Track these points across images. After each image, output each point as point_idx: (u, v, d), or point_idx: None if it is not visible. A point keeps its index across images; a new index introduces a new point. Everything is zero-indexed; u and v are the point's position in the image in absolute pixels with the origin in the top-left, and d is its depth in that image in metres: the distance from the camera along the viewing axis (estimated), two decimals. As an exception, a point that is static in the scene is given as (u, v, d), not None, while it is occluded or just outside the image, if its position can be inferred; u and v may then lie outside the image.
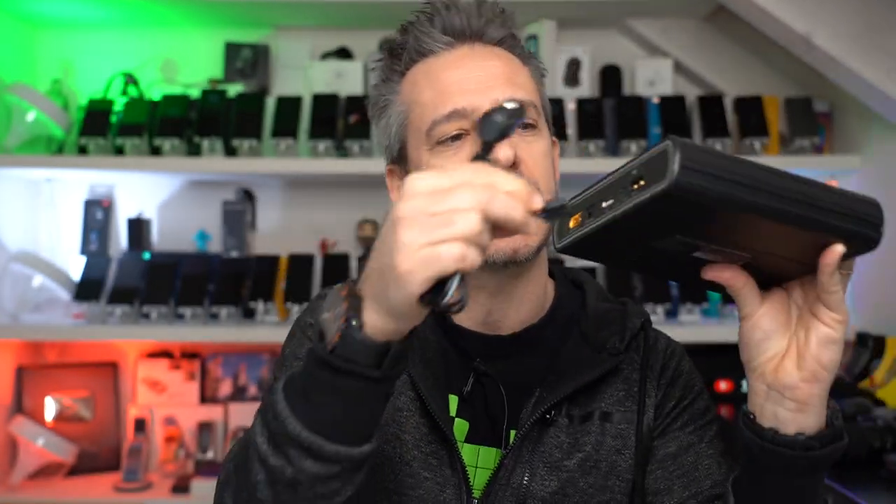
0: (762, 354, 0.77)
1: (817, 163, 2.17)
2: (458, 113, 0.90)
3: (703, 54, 2.39)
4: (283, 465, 0.70)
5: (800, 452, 0.76)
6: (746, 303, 0.76)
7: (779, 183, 0.65)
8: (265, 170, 2.18)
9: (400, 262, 0.62)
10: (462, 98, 0.90)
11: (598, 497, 0.92)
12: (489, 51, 0.95)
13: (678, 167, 0.61)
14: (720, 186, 0.62)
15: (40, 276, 2.24)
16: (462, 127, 0.90)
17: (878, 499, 1.35)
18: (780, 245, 0.70)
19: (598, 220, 0.69)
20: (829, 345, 0.74)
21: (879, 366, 1.91)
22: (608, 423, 0.94)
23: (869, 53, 1.85)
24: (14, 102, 2.22)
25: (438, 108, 0.91)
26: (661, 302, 2.17)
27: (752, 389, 0.79)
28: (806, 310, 0.76)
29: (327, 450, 0.69)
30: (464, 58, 0.93)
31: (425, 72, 0.94)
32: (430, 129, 0.91)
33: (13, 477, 2.21)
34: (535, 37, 2.35)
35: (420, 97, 0.93)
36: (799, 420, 0.76)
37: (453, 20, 0.94)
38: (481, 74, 0.92)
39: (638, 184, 0.64)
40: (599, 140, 2.17)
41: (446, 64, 0.93)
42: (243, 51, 2.37)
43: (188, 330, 2.15)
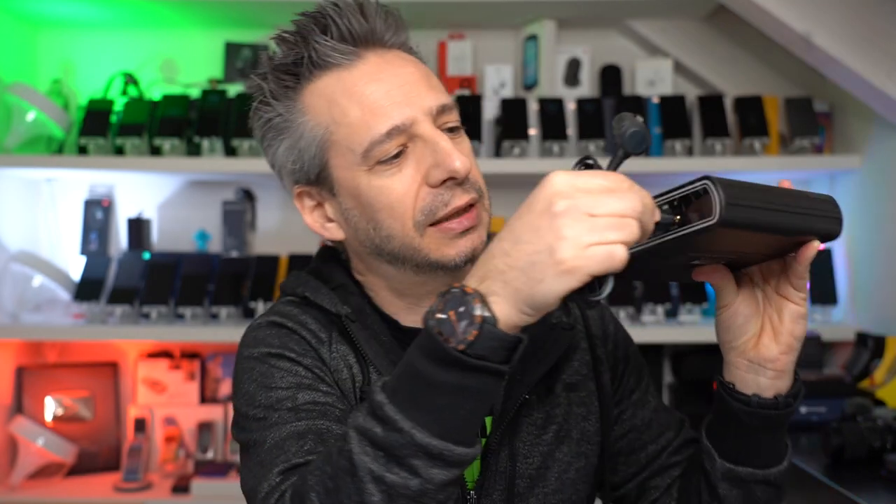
0: (743, 335, 0.87)
1: (817, 163, 2.17)
2: (396, 129, 0.87)
3: (703, 54, 2.39)
4: (406, 478, 0.69)
5: (781, 411, 0.88)
6: (727, 294, 0.86)
7: (788, 202, 0.75)
8: (265, 170, 2.14)
9: (569, 257, 0.65)
10: (397, 112, 0.87)
11: (575, 464, 0.97)
12: (396, 55, 0.92)
13: (725, 205, 0.69)
14: (754, 215, 0.72)
15: (40, 276, 2.24)
16: (402, 143, 0.88)
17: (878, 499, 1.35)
18: (767, 246, 0.80)
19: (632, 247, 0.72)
20: (800, 319, 0.85)
21: (879, 366, 1.91)
22: (572, 393, 0.99)
23: (869, 53, 1.85)
24: (14, 102, 2.22)
25: (373, 127, 0.87)
26: (661, 302, 2.17)
27: (731, 364, 0.89)
28: (771, 292, 0.86)
29: (456, 453, 0.69)
30: (379, 68, 0.89)
31: (342, 89, 0.88)
32: (367, 150, 0.87)
33: (13, 477, 2.21)
34: (535, 37, 2.35)
35: (345, 117, 0.88)
36: (777, 385, 0.88)
37: (352, 26, 0.89)
38: (404, 84, 0.89)
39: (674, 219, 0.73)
40: (599, 140, 2.17)
41: (363, 77, 0.88)
42: (243, 51, 2.37)
43: (188, 330, 2.15)
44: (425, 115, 0.88)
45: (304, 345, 0.91)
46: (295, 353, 0.90)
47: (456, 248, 0.90)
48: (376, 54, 0.90)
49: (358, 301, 0.96)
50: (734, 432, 0.90)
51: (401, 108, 0.88)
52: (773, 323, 0.86)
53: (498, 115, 2.25)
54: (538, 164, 2.13)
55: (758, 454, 0.91)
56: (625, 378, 1.05)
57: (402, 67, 0.90)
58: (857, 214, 2.19)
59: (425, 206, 0.88)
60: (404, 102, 0.88)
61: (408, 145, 0.88)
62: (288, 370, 0.88)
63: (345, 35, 0.89)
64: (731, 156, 2.20)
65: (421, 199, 0.88)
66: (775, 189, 0.76)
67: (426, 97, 0.89)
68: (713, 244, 0.76)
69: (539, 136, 2.19)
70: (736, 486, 0.92)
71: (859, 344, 2.03)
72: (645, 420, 1.04)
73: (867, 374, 1.94)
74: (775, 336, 0.86)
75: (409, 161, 0.88)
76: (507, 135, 2.16)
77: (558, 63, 2.36)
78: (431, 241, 0.89)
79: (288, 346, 0.90)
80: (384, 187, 0.88)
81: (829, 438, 1.53)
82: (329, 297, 0.95)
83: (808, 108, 2.22)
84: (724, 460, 0.92)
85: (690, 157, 2.17)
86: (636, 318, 2.20)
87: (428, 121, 0.88)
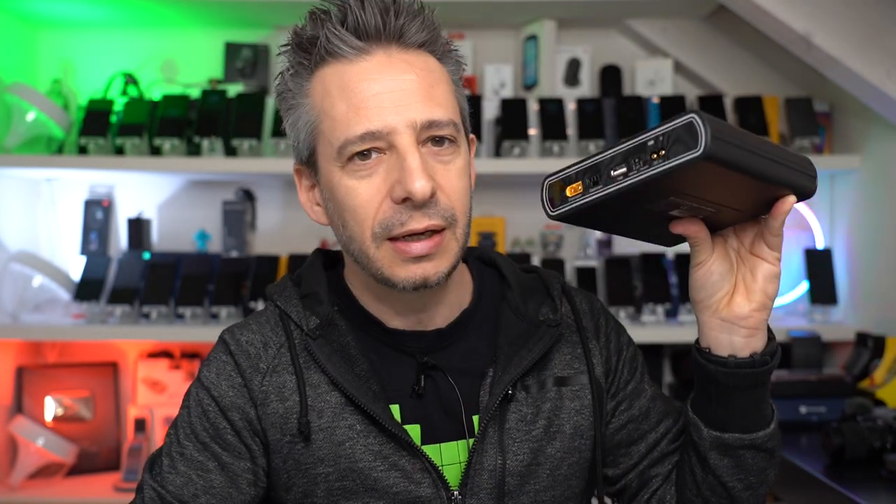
0: (717, 293, 0.88)
1: (817, 163, 2.14)
2: (371, 135, 0.86)
3: (703, 54, 2.39)
4: None
5: (759, 369, 0.90)
6: (702, 250, 0.87)
7: (770, 148, 0.76)
8: (265, 170, 2.18)
9: None
10: (377, 117, 0.86)
11: (567, 460, 0.97)
12: (406, 59, 0.89)
13: (711, 137, 0.69)
14: (737, 154, 0.71)
15: (40, 276, 2.24)
16: (376, 146, 0.87)
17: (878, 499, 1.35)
18: (742, 197, 0.81)
19: (609, 188, 0.76)
20: (773, 278, 0.87)
21: (879, 366, 1.91)
22: (564, 388, 0.99)
23: (869, 53, 1.85)
24: (14, 102, 2.22)
25: (351, 126, 0.86)
26: (661, 302, 2.17)
27: (705, 325, 0.90)
28: (745, 252, 0.88)
29: None
30: (380, 69, 0.87)
31: (338, 82, 0.88)
32: (341, 147, 0.87)
33: (13, 477, 2.21)
34: (535, 37, 2.35)
35: (332, 110, 0.88)
36: (751, 343, 0.89)
37: (368, 20, 0.87)
38: (397, 91, 0.87)
39: (658, 154, 0.72)
40: (599, 140, 2.17)
41: (360, 74, 0.87)
42: (243, 51, 2.37)
43: (188, 330, 2.15)
44: (407, 127, 0.86)
45: (235, 383, 0.95)
46: (220, 405, 0.95)
47: (405, 271, 0.89)
48: (386, 53, 0.88)
49: (326, 311, 0.96)
50: (716, 398, 0.92)
51: (383, 114, 0.86)
52: (746, 282, 0.88)
53: (498, 115, 2.25)
54: (538, 164, 2.13)
55: (742, 418, 0.92)
56: (619, 369, 1.04)
57: (403, 73, 0.88)
58: (857, 214, 2.19)
59: (384, 220, 0.87)
60: (390, 109, 0.86)
61: (385, 153, 0.87)
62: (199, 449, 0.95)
63: (359, 28, 0.87)
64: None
65: (382, 211, 0.87)
66: (759, 136, 0.76)
67: (415, 109, 0.87)
68: (695, 186, 0.76)
69: (539, 136, 2.19)
70: (725, 455, 0.93)
71: (859, 344, 2.03)
72: (642, 410, 1.04)
73: (867, 374, 1.94)
74: (748, 294, 0.87)
75: (381, 169, 0.87)
76: (507, 135, 2.16)
77: (558, 63, 2.36)
78: (385, 256, 0.89)
79: (221, 389, 0.95)
80: (352, 188, 0.88)
81: (829, 438, 1.53)
82: (297, 308, 0.97)
83: (808, 108, 2.22)
84: (710, 429, 0.93)
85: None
86: (636, 318, 2.20)
87: (409, 133, 0.86)
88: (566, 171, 0.80)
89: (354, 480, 0.91)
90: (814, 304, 2.21)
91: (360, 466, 0.91)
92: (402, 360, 0.96)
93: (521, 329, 0.99)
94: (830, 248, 2.25)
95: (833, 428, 1.53)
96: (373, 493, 0.91)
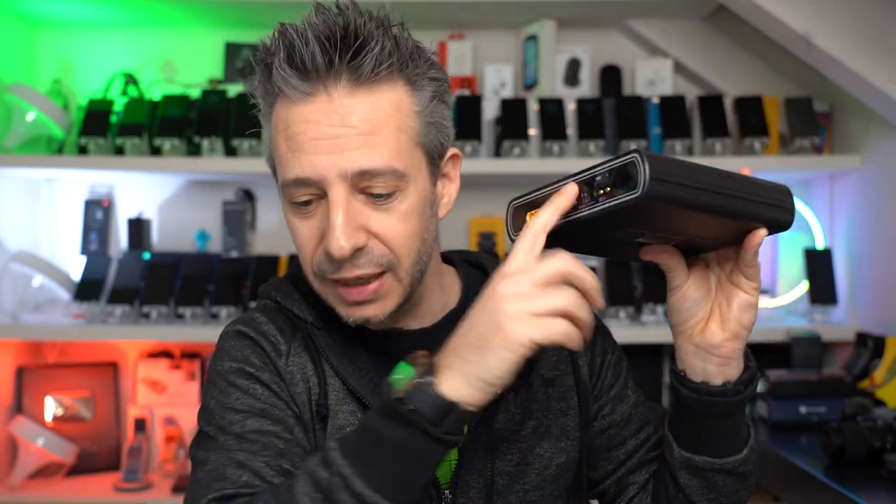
0: (691, 319, 0.88)
1: (817, 163, 2.17)
2: (303, 181, 0.85)
3: (703, 54, 2.39)
4: None
5: (730, 398, 0.88)
6: (676, 276, 0.87)
7: (727, 184, 0.74)
8: (265, 170, 2.13)
9: (509, 328, 0.71)
10: (310, 165, 0.83)
11: (556, 460, 0.98)
12: (350, 102, 0.83)
13: (648, 178, 0.68)
14: (683, 193, 0.71)
15: (40, 276, 2.24)
16: (311, 193, 0.86)
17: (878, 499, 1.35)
18: (712, 229, 0.80)
19: (566, 217, 0.76)
20: (749, 308, 0.86)
21: (879, 366, 1.91)
22: (551, 388, 0.99)
23: (869, 53, 1.85)
24: (14, 102, 2.22)
25: (288, 169, 0.86)
26: (661, 302, 2.17)
27: (680, 349, 0.90)
28: (724, 279, 0.87)
29: None
30: (319, 113, 0.83)
31: (284, 120, 0.86)
32: (283, 187, 0.88)
33: (13, 477, 2.21)
34: (535, 37, 2.35)
35: (276, 146, 0.88)
36: (725, 372, 0.88)
37: (310, 58, 0.82)
38: (332, 138, 0.83)
39: (604, 190, 0.72)
40: (599, 140, 2.17)
41: (301, 116, 0.84)
42: (243, 51, 2.37)
43: (188, 330, 2.15)
44: (338, 177, 0.83)
45: (263, 357, 0.92)
46: (254, 367, 0.91)
47: (347, 311, 0.90)
48: (328, 95, 0.83)
49: (326, 307, 0.96)
50: (688, 421, 0.91)
51: (316, 162, 0.83)
52: (721, 309, 0.87)
53: (498, 115, 2.25)
54: (538, 165, 2.14)
55: (713, 443, 0.91)
56: (603, 372, 1.04)
57: (345, 116, 0.83)
58: (857, 214, 2.19)
59: (318, 264, 0.88)
60: (324, 157, 0.83)
61: (323, 198, 0.86)
62: (244, 390, 0.90)
63: (302, 68, 0.83)
64: (731, 156, 2.20)
65: (318, 254, 0.88)
66: (717, 171, 0.74)
67: (349, 158, 0.83)
68: (651, 221, 0.75)
69: (539, 136, 2.19)
70: (695, 476, 0.93)
71: (859, 344, 2.03)
72: (624, 415, 1.04)
73: (867, 374, 1.94)
74: (722, 322, 0.86)
75: (318, 214, 0.87)
76: (507, 135, 2.16)
77: (558, 63, 2.36)
78: (328, 293, 0.91)
79: (248, 360, 0.92)
80: (295, 226, 0.90)
81: (829, 438, 1.53)
82: (298, 302, 0.96)
83: (808, 108, 2.22)
84: (681, 449, 0.92)
85: (691, 157, 2.17)
86: (636, 318, 2.20)
87: (340, 184, 0.83)
88: (531, 195, 0.80)
89: None
90: (814, 304, 2.21)
91: None
92: (391, 360, 0.96)
93: None
94: (830, 248, 2.25)
95: (833, 428, 1.53)
96: None
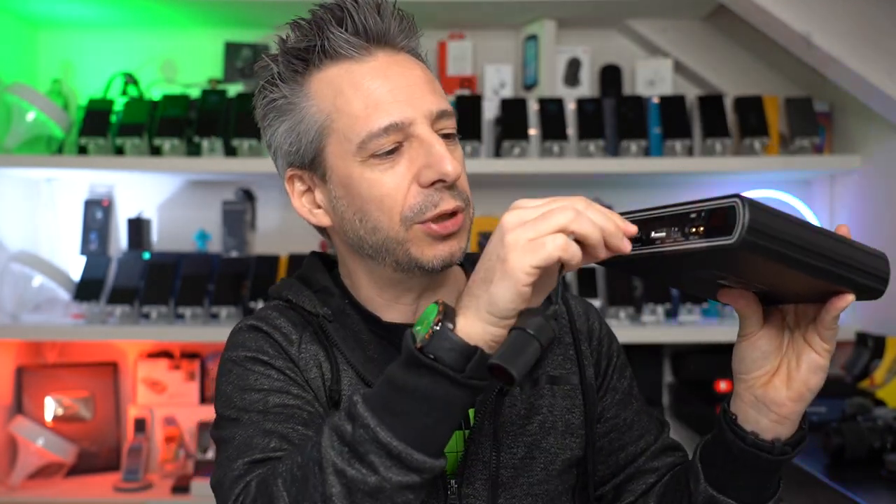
0: (756, 370, 0.85)
1: (817, 163, 2.17)
2: (394, 126, 0.89)
3: (703, 54, 2.39)
4: (365, 474, 0.73)
5: (776, 456, 0.85)
6: (750, 324, 0.84)
7: (824, 244, 0.71)
8: (265, 170, 2.18)
9: (508, 257, 0.72)
10: (397, 110, 0.90)
11: (561, 455, 0.99)
12: (405, 57, 0.95)
13: (746, 227, 0.66)
14: (778, 247, 0.68)
15: (40, 276, 2.24)
16: (397, 140, 0.90)
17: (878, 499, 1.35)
18: (799, 286, 0.76)
19: (647, 248, 0.75)
20: (818, 371, 0.82)
21: (879, 366, 1.91)
22: (556, 386, 1.00)
23: (869, 53, 1.85)
24: (14, 102, 2.22)
25: (372, 120, 0.89)
26: (661, 302, 2.17)
27: (738, 396, 0.87)
28: (799, 336, 0.83)
29: (415, 459, 0.73)
30: (388, 66, 0.92)
31: (350, 80, 0.91)
32: (363, 142, 0.90)
33: (13, 477, 2.21)
34: (535, 37, 2.35)
35: (348, 107, 0.91)
36: (777, 429, 0.85)
37: (367, 23, 0.92)
38: (408, 86, 0.92)
39: (697, 228, 0.70)
40: (599, 140, 2.17)
41: (371, 72, 0.91)
42: (243, 51, 2.37)
43: (188, 330, 2.15)
44: (424, 118, 0.91)
45: (276, 347, 0.95)
46: (268, 355, 0.94)
47: (435, 250, 0.92)
48: (386, 54, 0.93)
49: (338, 303, 0.99)
50: (724, 462, 0.89)
51: (402, 107, 0.90)
52: (789, 367, 0.83)
53: (498, 115, 2.25)
54: (538, 164, 2.14)
55: (744, 489, 0.89)
56: (608, 376, 1.05)
57: (409, 69, 0.93)
58: (857, 214, 2.19)
59: (415, 205, 0.90)
60: (406, 102, 0.90)
61: (403, 143, 0.91)
62: (262, 373, 0.92)
63: (359, 30, 0.91)
64: (731, 156, 2.20)
65: (412, 196, 0.91)
66: (816, 229, 0.71)
67: (428, 100, 0.92)
68: (737, 268, 0.73)
69: (539, 136, 2.19)
70: None
71: (859, 344, 2.03)
72: (627, 421, 1.05)
73: (867, 374, 1.94)
74: (788, 381, 0.83)
75: (403, 159, 0.91)
76: (507, 135, 2.16)
77: (558, 63, 2.36)
78: (415, 238, 0.92)
79: (262, 349, 0.94)
80: (375, 180, 0.91)
81: (829, 438, 1.53)
82: (310, 298, 0.99)
83: (808, 108, 2.22)
84: (707, 484, 0.90)
85: (690, 157, 2.17)
86: (636, 318, 2.20)
87: (426, 123, 0.91)
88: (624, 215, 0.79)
89: None
90: (814, 304, 2.20)
91: None
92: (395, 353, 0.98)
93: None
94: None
95: (833, 428, 1.53)
96: None
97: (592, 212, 0.73)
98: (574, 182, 2.33)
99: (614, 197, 2.40)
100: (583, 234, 0.72)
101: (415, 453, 0.73)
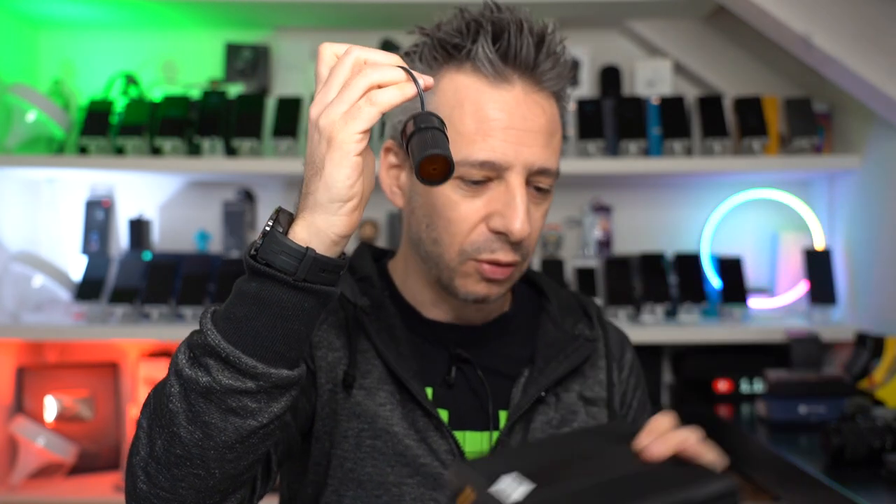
0: None
1: (817, 163, 2.17)
2: (489, 164, 0.90)
3: (702, 54, 2.39)
4: (198, 375, 0.74)
5: None
6: None
7: None
8: (265, 170, 2.18)
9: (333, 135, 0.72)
10: (500, 151, 0.89)
11: None
12: (540, 101, 0.93)
13: None
14: None
15: (41, 276, 2.24)
16: (489, 175, 0.91)
17: (878, 499, 1.35)
18: None
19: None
20: None
21: (879, 366, 1.91)
22: (589, 406, 1.02)
23: (869, 53, 1.86)
24: (14, 102, 2.22)
25: (474, 148, 0.89)
26: (660, 302, 2.17)
27: None
28: None
29: (244, 362, 0.73)
30: (516, 103, 0.91)
31: (473, 99, 0.91)
32: (458, 163, 0.88)
33: (13, 477, 2.21)
34: (535, 37, 2.35)
35: (460, 125, 0.91)
36: None
37: (521, 53, 0.90)
38: (525, 130, 0.90)
39: None
40: (599, 140, 2.17)
41: (498, 103, 0.90)
42: (244, 51, 2.37)
43: (189, 330, 2.14)
44: (523, 167, 0.90)
45: None
46: None
47: (476, 287, 0.95)
48: (525, 85, 0.92)
49: (377, 294, 1.01)
50: None
51: (506, 149, 0.90)
52: None
53: (498, 115, 2.24)
54: (538, 165, 2.13)
55: None
56: (631, 405, 1.08)
57: (535, 115, 0.92)
58: (856, 214, 2.19)
59: (476, 242, 0.92)
60: (513, 146, 0.90)
61: (493, 180, 0.91)
62: None
63: (509, 56, 0.90)
64: (730, 156, 2.20)
65: (476, 233, 0.92)
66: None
67: (535, 153, 0.91)
68: None
69: (539, 136, 2.19)
70: None
71: (859, 344, 2.03)
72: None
73: (867, 374, 1.94)
74: None
75: (486, 194, 0.92)
76: (507, 135, 2.16)
77: (558, 63, 2.36)
78: (464, 271, 0.94)
79: None
80: (453, 202, 0.92)
81: (829, 438, 1.53)
82: (351, 287, 1.00)
83: (808, 108, 2.22)
84: None
85: (690, 158, 2.18)
86: (636, 318, 2.20)
87: (521, 174, 0.91)
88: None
89: (387, 442, 0.94)
90: (813, 304, 2.21)
91: (395, 430, 0.94)
92: (435, 350, 1.01)
93: (559, 338, 1.03)
94: (830, 249, 2.26)
95: (833, 428, 1.54)
96: (401, 459, 0.94)
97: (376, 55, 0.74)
98: (574, 182, 2.33)
99: (614, 197, 2.40)
100: (388, 80, 0.73)
101: (243, 356, 0.73)
